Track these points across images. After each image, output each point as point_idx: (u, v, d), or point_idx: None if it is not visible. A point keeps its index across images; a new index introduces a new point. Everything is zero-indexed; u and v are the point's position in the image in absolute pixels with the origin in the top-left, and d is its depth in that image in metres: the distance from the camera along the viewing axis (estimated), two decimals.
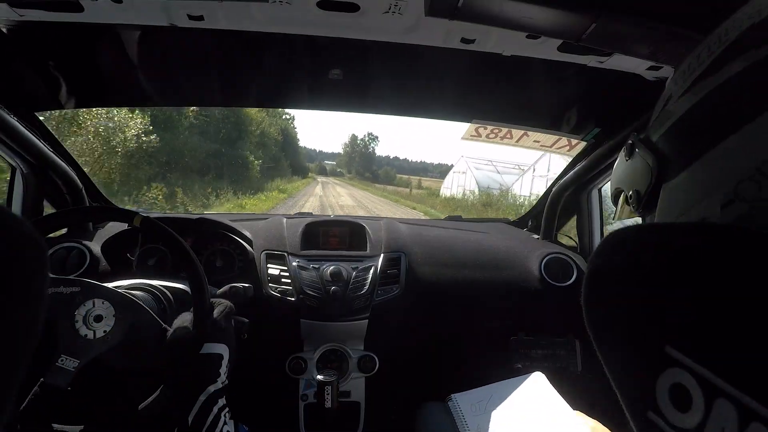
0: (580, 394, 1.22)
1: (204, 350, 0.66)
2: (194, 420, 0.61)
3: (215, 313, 0.74)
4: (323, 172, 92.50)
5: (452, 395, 0.95)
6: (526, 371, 1.35)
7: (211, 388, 0.64)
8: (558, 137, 1.36)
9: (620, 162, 0.40)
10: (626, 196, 0.39)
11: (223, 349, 0.69)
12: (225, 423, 0.62)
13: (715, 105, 0.29)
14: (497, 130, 1.36)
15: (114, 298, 0.71)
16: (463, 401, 0.93)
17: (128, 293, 0.75)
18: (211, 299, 0.75)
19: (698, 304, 0.22)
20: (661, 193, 0.33)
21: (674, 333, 0.23)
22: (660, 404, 0.24)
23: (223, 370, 0.67)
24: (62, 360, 0.66)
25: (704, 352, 0.22)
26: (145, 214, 0.76)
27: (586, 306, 0.30)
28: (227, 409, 0.65)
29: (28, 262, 0.27)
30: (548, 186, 1.57)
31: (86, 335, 0.68)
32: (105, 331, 0.69)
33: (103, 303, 0.70)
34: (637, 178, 0.36)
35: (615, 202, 0.42)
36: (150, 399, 0.68)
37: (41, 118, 1.18)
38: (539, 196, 1.69)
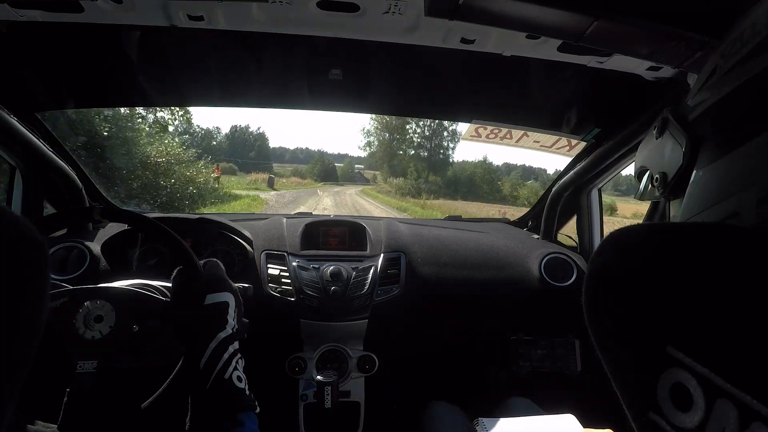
0: (580, 394, 1.22)
1: (208, 301, 0.67)
2: (205, 366, 0.61)
3: (205, 266, 0.74)
4: (330, 177, 50.63)
5: (480, 419, 0.95)
6: (526, 371, 1.35)
7: (221, 335, 0.64)
8: (558, 137, 1.36)
9: (649, 139, 0.37)
10: (652, 177, 0.36)
11: (228, 297, 0.70)
12: (235, 369, 0.63)
13: (766, 87, 0.25)
14: (497, 131, 1.36)
15: (108, 294, 0.71)
16: (491, 425, 0.93)
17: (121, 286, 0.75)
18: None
19: (700, 303, 0.22)
20: (692, 179, 0.31)
21: (676, 333, 0.23)
22: (661, 404, 0.24)
23: (231, 316, 0.68)
24: (81, 366, 0.67)
25: (705, 351, 0.22)
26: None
27: (587, 305, 0.30)
28: (239, 355, 0.66)
29: (28, 262, 0.27)
30: (548, 186, 1.57)
31: (93, 337, 0.68)
32: (111, 327, 0.69)
33: (98, 303, 0.70)
34: (665, 159, 0.33)
35: (639, 179, 0.39)
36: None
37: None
38: None
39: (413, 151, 36.60)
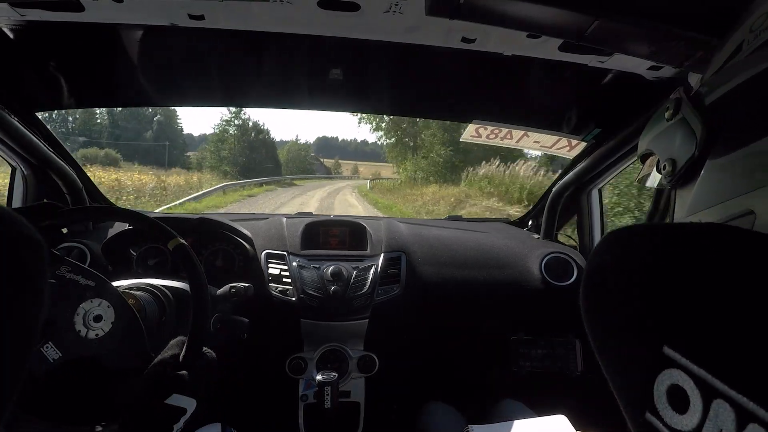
0: (580, 395, 1.22)
1: (170, 400, 0.64)
2: None
3: (203, 357, 0.71)
4: (258, 166, 25.20)
5: (470, 426, 0.93)
6: (526, 371, 1.35)
7: None
8: (558, 137, 1.35)
9: (658, 118, 0.33)
10: (659, 164, 0.32)
11: (188, 404, 0.66)
12: None
13: None
14: (497, 131, 1.36)
15: (117, 304, 0.71)
16: None
17: (130, 293, 0.75)
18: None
19: (698, 304, 0.22)
20: (705, 169, 0.27)
21: (673, 333, 0.23)
22: (658, 406, 0.24)
23: (179, 426, 0.65)
24: (47, 348, 0.64)
25: (703, 352, 0.22)
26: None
27: (584, 305, 0.30)
28: None
29: (27, 261, 0.27)
30: (549, 185, 1.57)
31: (79, 331, 0.67)
32: (97, 335, 0.68)
33: (108, 306, 0.70)
34: (676, 145, 0.29)
35: (642, 162, 0.36)
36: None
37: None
38: None
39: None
